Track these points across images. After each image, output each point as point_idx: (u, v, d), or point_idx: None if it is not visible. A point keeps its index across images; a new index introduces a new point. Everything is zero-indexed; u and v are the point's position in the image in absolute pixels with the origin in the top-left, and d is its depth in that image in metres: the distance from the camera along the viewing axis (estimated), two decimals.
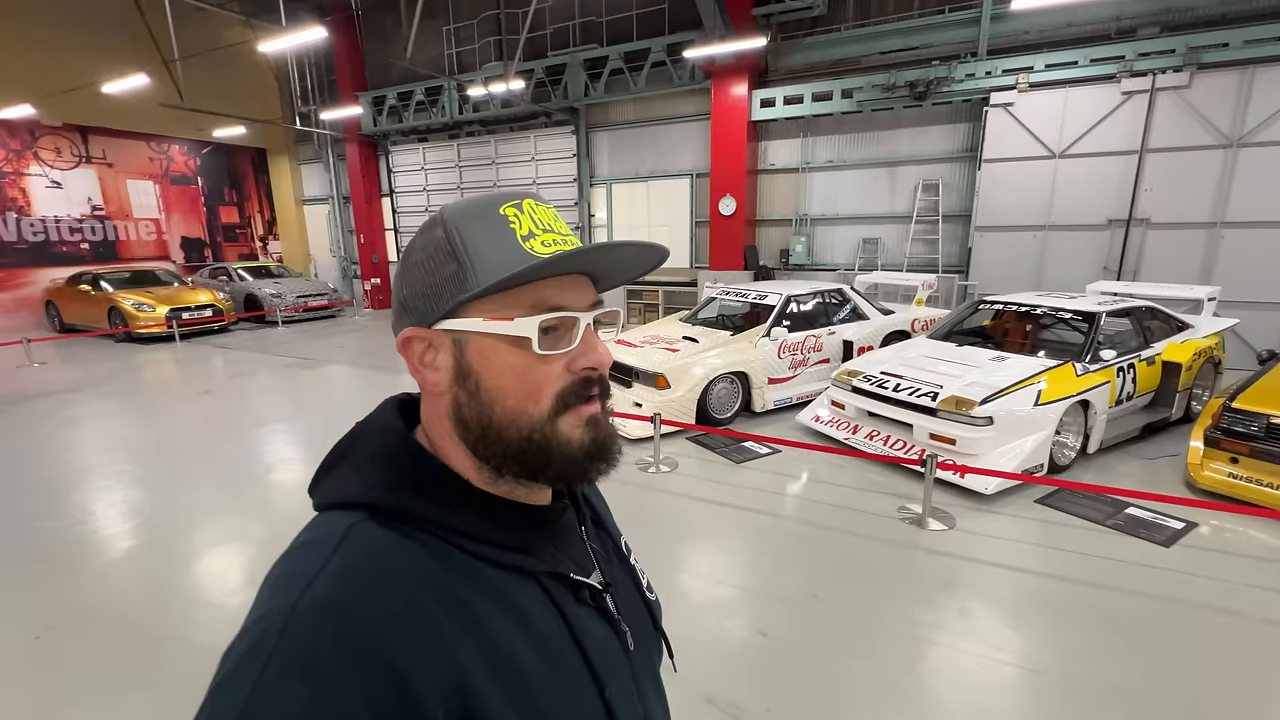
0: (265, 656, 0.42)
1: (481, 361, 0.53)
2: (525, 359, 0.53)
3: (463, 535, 0.52)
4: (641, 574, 0.73)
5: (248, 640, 0.44)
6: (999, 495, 3.83)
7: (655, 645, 0.70)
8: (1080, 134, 7.25)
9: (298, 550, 0.50)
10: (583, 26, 10.49)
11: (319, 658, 0.42)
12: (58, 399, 6.54)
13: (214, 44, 11.63)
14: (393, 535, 0.50)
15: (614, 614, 0.61)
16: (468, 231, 0.53)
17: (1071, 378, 4.20)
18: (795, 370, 5.72)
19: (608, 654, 0.58)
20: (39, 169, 11.55)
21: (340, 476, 0.55)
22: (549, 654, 0.52)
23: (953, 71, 7.72)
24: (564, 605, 0.55)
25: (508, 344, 0.53)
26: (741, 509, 3.79)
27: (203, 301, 10.52)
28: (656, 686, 0.69)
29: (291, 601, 0.44)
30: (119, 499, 4.03)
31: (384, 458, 0.55)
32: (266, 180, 15.51)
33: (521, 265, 0.51)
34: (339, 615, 0.44)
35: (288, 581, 0.47)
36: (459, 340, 0.54)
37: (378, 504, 0.52)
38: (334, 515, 0.52)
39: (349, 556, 0.47)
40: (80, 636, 2.66)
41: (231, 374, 7.79)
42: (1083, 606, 2.80)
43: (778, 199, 9.69)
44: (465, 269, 0.52)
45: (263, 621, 0.45)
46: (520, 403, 0.53)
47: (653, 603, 0.72)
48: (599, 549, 0.67)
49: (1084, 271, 7.41)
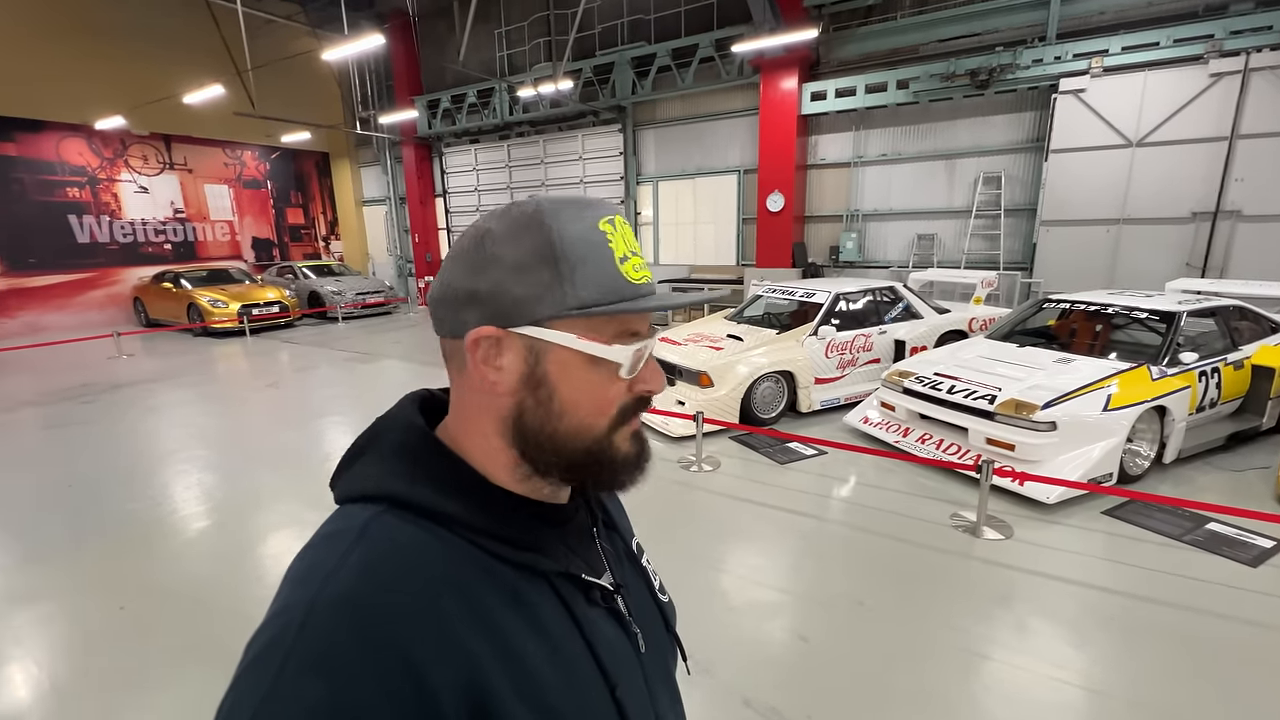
0: (285, 650, 0.43)
1: (559, 374, 0.54)
2: (602, 378, 0.55)
3: (479, 532, 0.53)
4: (654, 575, 0.73)
5: (268, 633, 0.45)
6: (1062, 505, 3.62)
7: (669, 648, 0.69)
8: (1160, 120, 6.75)
9: (319, 543, 0.51)
10: (631, 24, 10.51)
11: (337, 652, 0.43)
12: (142, 388, 7.05)
13: (282, 54, 12.26)
14: (411, 529, 0.51)
15: (625, 615, 0.61)
16: (571, 243, 0.52)
17: (1146, 382, 3.92)
18: (843, 370, 5.56)
19: (618, 655, 0.58)
20: (129, 175, 12.48)
21: (361, 470, 0.56)
22: (560, 653, 0.52)
23: (1018, 57, 7.32)
24: (574, 606, 0.56)
25: (588, 362, 0.54)
26: (784, 511, 3.72)
27: (270, 298, 11.13)
28: (670, 690, 0.68)
29: (311, 595, 0.45)
30: (194, 483, 4.32)
31: (404, 452, 0.55)
32: (329, 183, 16.25)
33: (621, 291, 0.53)
34: (357, 609, 0.44)
35: (308, 575, 0.48)
36: (536, 348, 0.53)
37: (397, 497, 0.52)
38: (354, 508, 0.53)
39: (369, 550, 0.48)
40: (158, 609, 2.86)
41: (295, 367, 8.22)
42: (1153, 626, 2.61)
43: (828, 194, 9.45)
44: (565, 281, 0.52)
45: (283, 615, 0.46)
46: (590, 417, 0.55)
47: (665, 605, 0.71)
48: (610, 550, 0.67)
49: (1163, 268, 6.90)
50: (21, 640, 2.66)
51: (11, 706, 2.28)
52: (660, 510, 3.81)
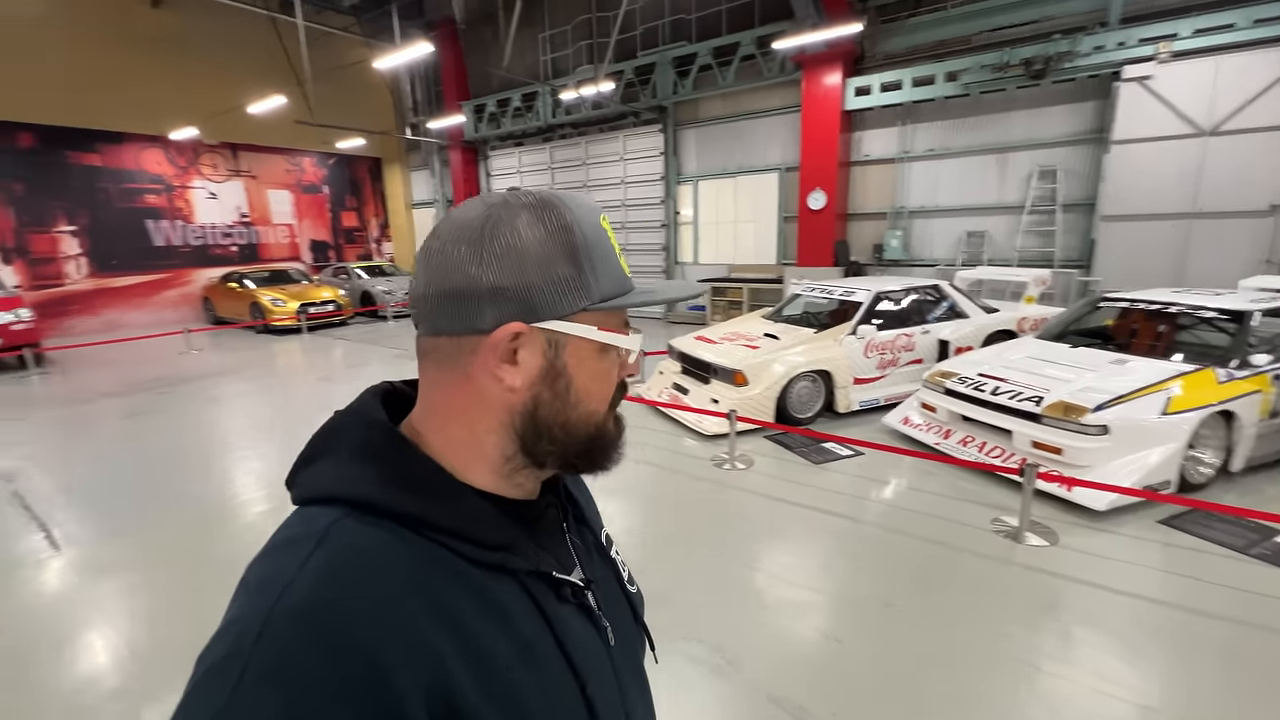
0: (241, 663, 0.41)
1: (576, 365, 0.55)
2: (610, 365, 0.58)
3: (446, 532, 0.51)
4: (623, 566, 0.73)
5: (223, 645, 0.43)
6: (1113, 513, 3.45)
7: (637, 638, 0.69)
8: (1236, 107, 6.31)
9: (276, 549, 0.49)
10: (672, 25, 10.54)
11: (297, 664, 0.41)
12: (209, 381, 7.53)
13: (338, 64, 12.85)
14: (375, 533, 0.49)
15: (595, 610, 0.61)
16: (590, 237, 0.54)
17: (1212, 385, 3.70)
18: (884, 370, 5.44)
19: (588, 651, 0.57)
20: (200, 182, 13.32)
21: (320, 470, 0.53)
22: (531, 653, 0.51)
23: (1077, 45, 6.99)
24: (545, 603, 0.55)
25: (599, 351, 0.56)
26: (818, 510, 3.68)
27: (326, 298, 11.67)
28: (639, 680, 0.68)
29: (269, 604, 0.43)
30: (253, 469, 4.60)
31: (367, 451, 0.53)
32: (381, 187, 16.90)
33: (625, 284, 0.57)
34: (318, 618, 0.43)
35: (266, 583, 0.46)
36: (556, 341, 0.54)
37: (360, 499, 0.50)
38: (314, 511, 0.50)
39: (330, 556, 0.46)
40: (222, 583, 3.07)
41: (348, 363, 8.61)
42: (1211, 641, 2.47)
43: (872, 191, 9.24)
44: (587, 276, 0.53)
45: (239, 624, 0.43)
46: (597, 403, 0.58)
47: (634, 595, 0.71)
48: (580, 544, 0.66)
49: (1238, 265, 6.44)
50: (103, 608, 2.90)
51: (92, 669, 2.49)
52: (691, 507, 3.83)
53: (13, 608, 2.90)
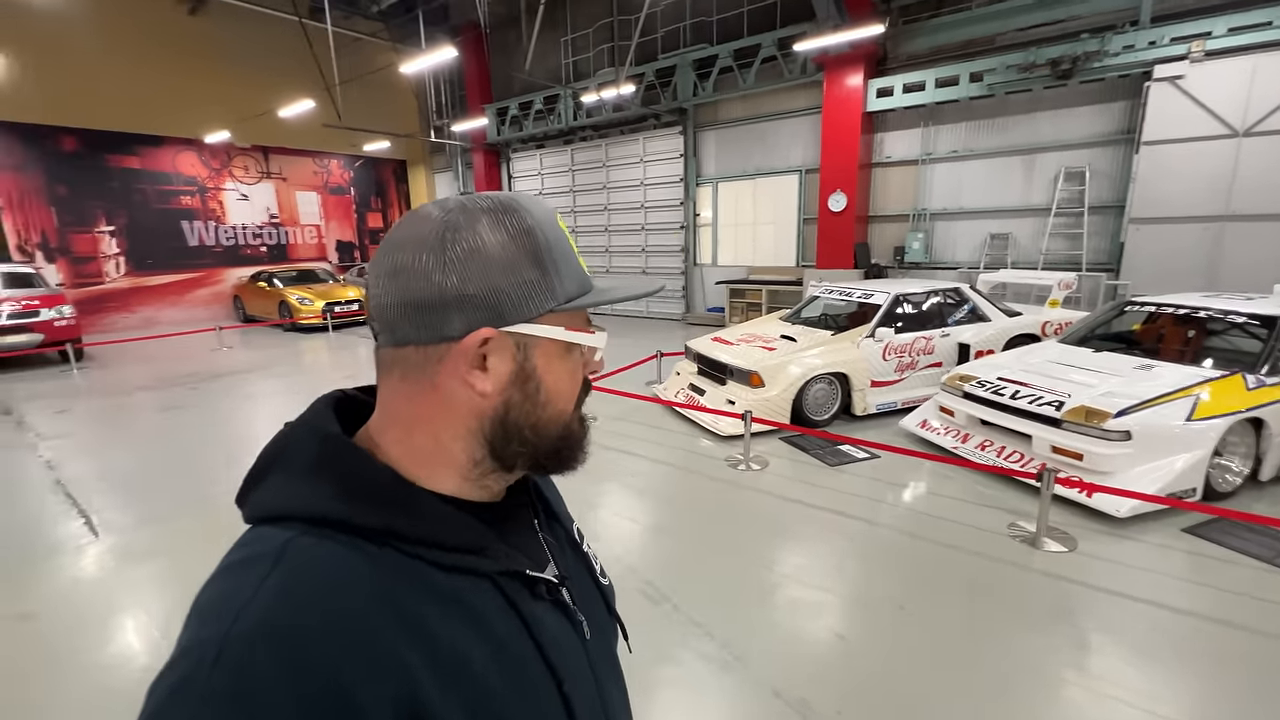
0: (198, 689, 0.39)
1: (545, 365, 0.55)
2: (575, 365, 0.59)
3: (411, 541, 0.49)
4: (595, 559, 0.73)
5: (176, 673, 0.41)
6: (1134, 520, 3.39)
7: (611, 629, 0.70)
8: (1273, 108, 6.12)
9: (230, 570, 0.47)
10: (693, 27, 10.57)
11: (255, 687, 0.39)
12: (239, 377, 7.76)
13: (365, 68, 13.13)
14: (334, 548, 0.47)
15: (570, 605, 0.61)
16: (551, 238, 0.55)
17: (1240, 391, 3.61)
18: (902, 373, 5.40)
19: (564, 647, 0.57)
20: (232, 184, 13.73)
21: (273, 486, 0.51)
22: (506, 655, 0.51)
23: (1106, 44, 6.85)
24: (520, 603, 0.54)
25: (565, 351, 0.57)
26: (832, 512, 3.68)
27: (351, 297, 11.92)
28: (613, 671, 0.69)
29: (225, 629, 0.42)
30: None
31: (321, 464, 0.51)
32: (405, 189, 17.22)
33: (587, 284, 0.58)
34: (277, 637, 0.41)
35: (220, 606, 0.44)
36: (524, 344, 0.54)
37: (316, 515, 0.48)
38: (267, 530, 0.48)
39: (287, 575, 0.44)
40: None
41: (371, 361, 8.78)
42: (1232, 653, 2.43)
43: (893, 193, 9.15)
44: (551, 278, 0.54)
45: (194, 651, 0.42)
46: (565, 403, 0.58)
47: (606, 588, 0.72)
48: (552, 541, 0.66)
49: (1272, 268, 6.24)
50: (137, 591, 3.04)
51: (124, 650, 2.61)
52: (705, 507, 3.85)
53: (53, 590, 3.04)
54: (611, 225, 12.94)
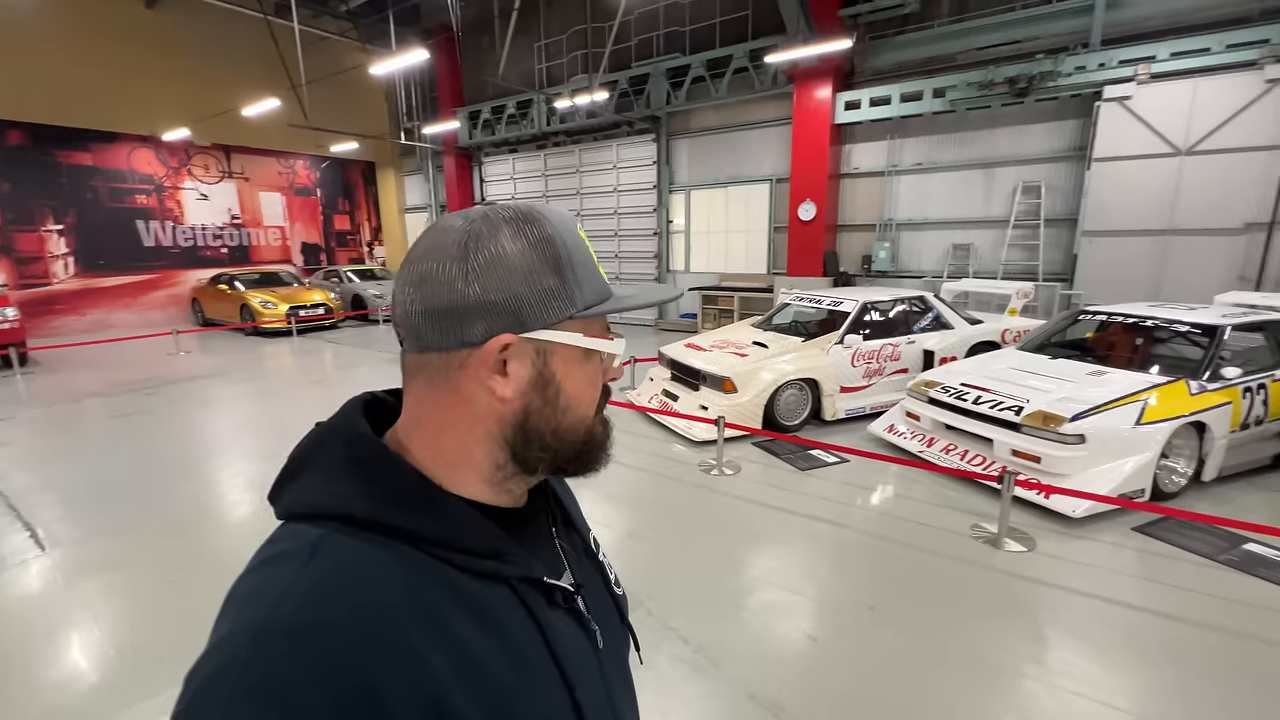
0: (232, 680, 0.41)
1: (564, 371, 0.56)
2: (595, 370, 0.60)
3: (436, 543, 0.51)
4: (610, 569, 0.74)
5: (213, 662, 0.43)
6: (1089, 520, 3.54)
7: (623, 639, 0.71)
8: (1211, 129, 6.51)
9: (264, 565, 0.49)
10: (666, 36, 10.68)
11: (288, 681, 0.41)
12: (197, 383, 7.49)
13: (334, 69, 12.88)
14: (365, 547, 0.48)
15: (585, 614, 0.62)
16: (571, 247, 0.56)
17: (1184, 396, 3.81)
18: (870, 379, 5.54)
19: (578, 655, 0.58)
20: (191, 183, 13.28)
21: (306, 484, 0.53)
22: (522, 661, 0.52)
23: (1059, 65, 7.17)
24: (536, 609, 0.55)
25: (584, 357, 0.58)
26: (803, 516, 3.74)
27: (317, 301, 11.64)
28: (624, 680, 0.70)
29: (259, 620, 0.43)
30: (240, 470, 4.59)
31: (353, 464, 0.52)
32: (374, 191, 16.92)
33: (606, 292, 0.59)
34: (310, 635, 0.42)
35: (254, 600, 0.46)
36: (543, 350, 0.55)
37: (347, 514, 0.50)
38: (300, 527, 0.50)
39: (319, 572, 0.46)
40: (205, 582, 3.08)
41: (337, 366, 8.59)
42: (1178, 646, 2.55)
43: (861, 204, 9.38)
44: (570, 285, 0.55)
45: (228, 642, 0.43)
46: (587, 408, 0.59)
47: (620, 597, 0.73)
48: (569, 549, 0.67)
49: (1213, 281, 6.61)
50: (87, 607, 2.90)
51: (73, 668, 2.49)
52: (679, 511, 3.88)
53: None
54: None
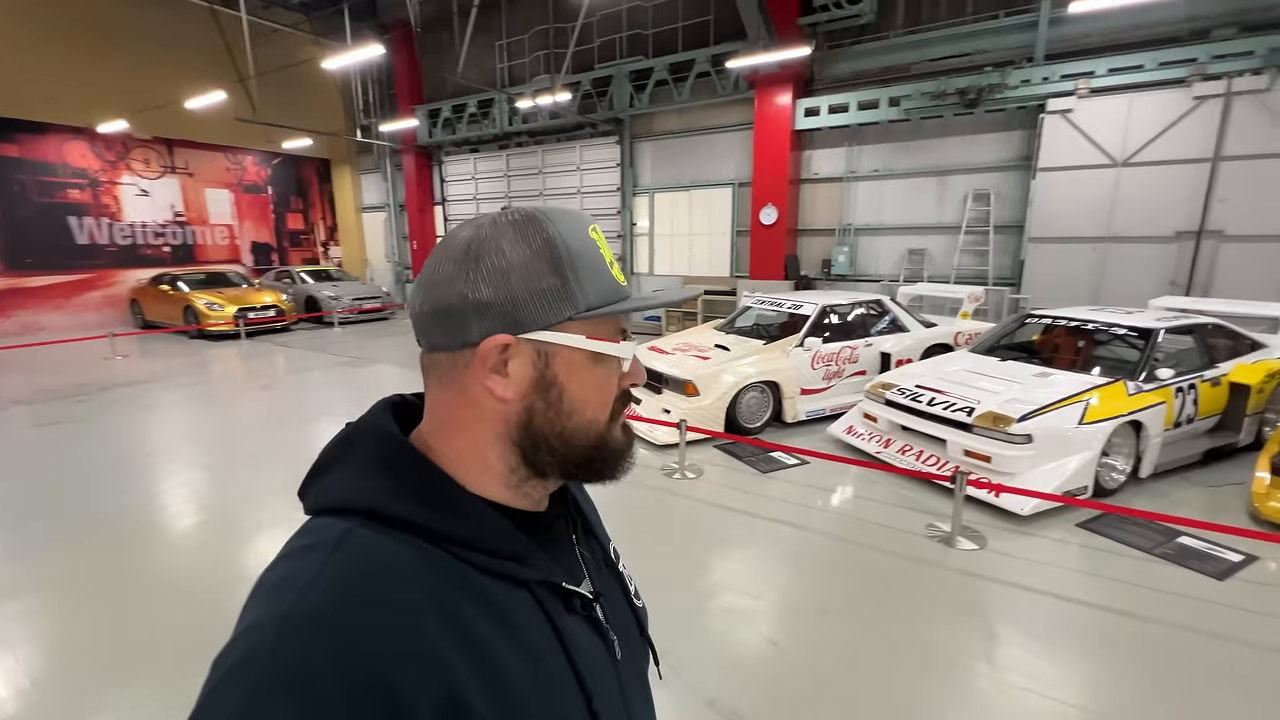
0: (257, 668, 0.42)
1: (568, 374, 0.55)
2: (605, 374, 0.58)
3: (457, 543, 0.52)
4: (630, 580, 0.74)
5: (239, 650, 0.44)
6: (1036, 517, 3.67)
7: (642, 651, 0.70)
8: (1146, 141, 6.87)
9: (291, 556, 0.50)
10: (629, 39, 10.68)
11: (311, 670, 0.41)
12: (136, 389, 7.09)
13: (285, 62, 12.42)
14: (388, 542, 0.49)
15: (603, 623, 0.62)
16: (574, 248, 0.55)
17: (1122, 397, 3.98)
18: (829, 381, 5.62)
19: (595, 664, 0.58)
20: (130, 178, 12.59)
21: (334, 480, 0.54)
22: (539, 665, 0.52)
23: (1007, 78, 7.46)
24: (554, 614, 0.55)
25: (591, 360, 0.56)
26: (764, 519, 3.76)
27: (267, 302, 11.19)
28: (643, 693, 0.69)
29: (284, 610, 0.44)
30: (181, 482, 4.35)
31: (379, 462, 0.54)
32: (329, 189, 16.39)
33: (616, 293, 0.57)
34: (333, 625, 0.43)
35: (280, 589, 0.47)
36: (545, 351, 0.54)
37: (373, 509, 0.51)
38: (327, 521, 0.51)
39: (344, 564, 0.47)
40: (139, 604, 2.89)
41: (289, 370, 8.26)
42: (1119, 637, 2.65)
43: (820, 209, 9.56)
44: (570, 285, 0.54)
45: (254, 631, 0.44)
46: (596, 412, 0.58)
47: (640, 610, 0.72)
48: (589, 556, 0.67)
49: (1148, 286, 6.98)
50: (4, 634, 2.68)
51: None
52: (641, 515, 3.84)
53: None
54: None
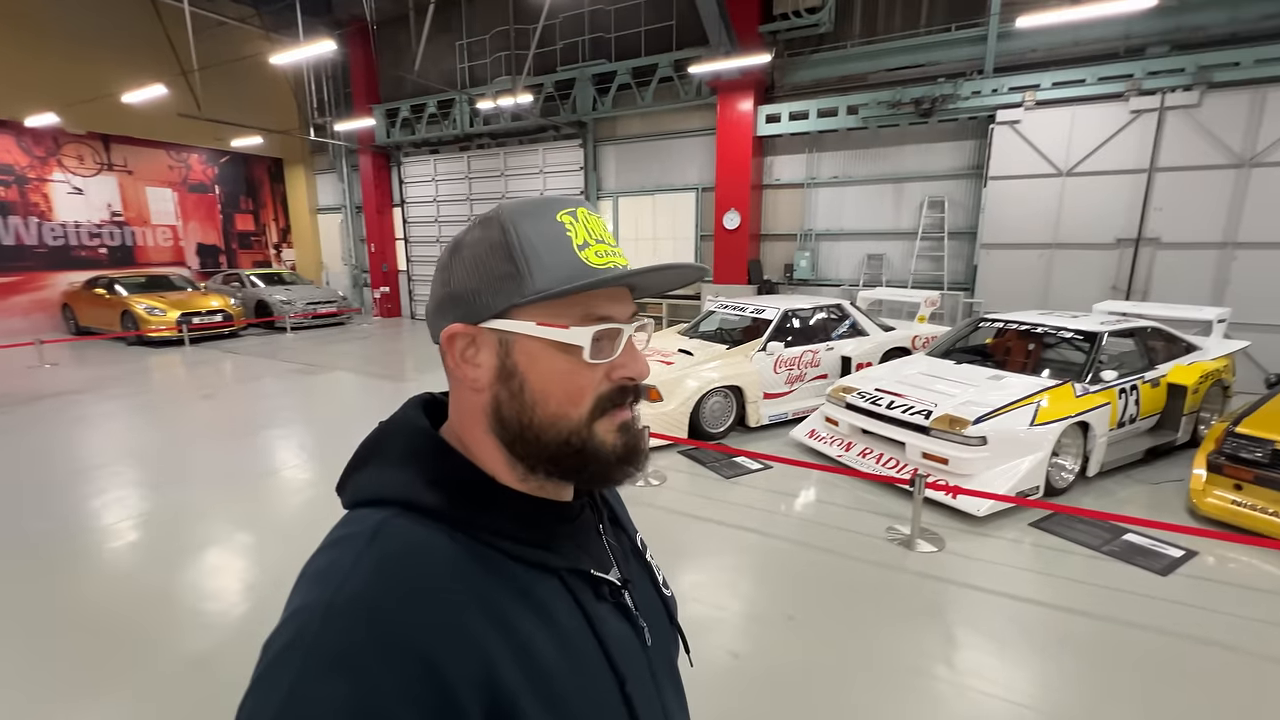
0: (304, 650, 0.43)
1: (528, 363, 0.55)
2: (570, 364, 0.55)
3: (489, 531, 0.53)
4: (657, 570, 0.74)
5: (287, 633, 0.45)
6: (992, 518, 3.74)
7: (672, 641, 0.70)
8: (1088, 152, 7.17)
9: (331, 546, 0.52)
10: (592, 42, 10.62)
11: (357, 651, 0.43)
12: (65, 399, 6.64)
13: (234, 56, 11.92)
14: (422, 531, 0.51)
15: (632, 610, 0.62)
16: (526, 234, 0.54)
17: (1070, 398, 4.11)
18: (792, 385, 5.66)
19: (626, 649, 0.58)
20: (62, 175, 11.85)
21: (369, 474, 0.56)
22: (572, 650, 0.53)
23: (958, 89, 7.69)
24: (584, 601, 0.56)
25: (555, 349, 0.54)
26: (728, 526, 3.73)
27: (214, 307, 10.68)
28: (674, 682, 0.69)
29: (328, 595, 0.46)
30: (112, 500, 4.06)
31: (412, 455, 0.56)
32: (282, 189, 15.80)
33: (580, 276, 0.54)
34: (374, 609, 0.45)
35: (323, 575, 0.48)
36: (505, 340, 0.55)
37: (407, 500, 0.53)
38: (364, 512, 0.53)
39: (382, 551, 0.49)
40: (65, 634, 2.66)
41: (236, 378, 7.88)
42: (1072, 636, 2.70)
43: (783, 214, 9.67)
44: (521, 271, 0.53)
45: (300, 614, 0.46)
46: (562, 406, 0.55)
47: (669, 599, 0.72)
48: (616, 546, 0.67)
49: (1091, 291, 7.28)
50: None
51: None
52: None
53: None
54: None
